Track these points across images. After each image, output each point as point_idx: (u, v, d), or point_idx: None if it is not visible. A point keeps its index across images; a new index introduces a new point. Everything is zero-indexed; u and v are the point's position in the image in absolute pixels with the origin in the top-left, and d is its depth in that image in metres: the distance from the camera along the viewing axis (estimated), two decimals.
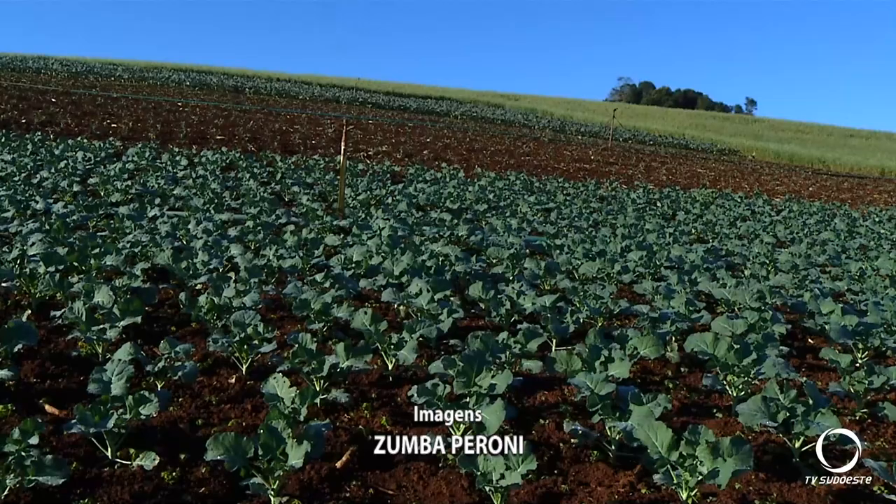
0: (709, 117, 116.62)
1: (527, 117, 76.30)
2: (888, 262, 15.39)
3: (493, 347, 6.46)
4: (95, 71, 62.40)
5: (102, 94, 39.97)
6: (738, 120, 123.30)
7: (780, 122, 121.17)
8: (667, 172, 37.29)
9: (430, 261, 10.10)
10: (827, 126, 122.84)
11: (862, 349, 8.39)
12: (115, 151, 20.49)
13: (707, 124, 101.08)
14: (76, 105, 33.42)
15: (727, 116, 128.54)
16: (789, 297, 10.83)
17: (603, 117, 78.13)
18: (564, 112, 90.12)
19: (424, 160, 27.82)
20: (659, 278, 11.56)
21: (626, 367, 6.17)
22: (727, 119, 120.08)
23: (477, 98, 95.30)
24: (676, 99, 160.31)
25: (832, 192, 38.31)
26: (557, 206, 19.16)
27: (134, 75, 62.82)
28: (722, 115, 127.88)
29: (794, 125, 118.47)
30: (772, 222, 21.88)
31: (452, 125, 53.28)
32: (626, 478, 5.02)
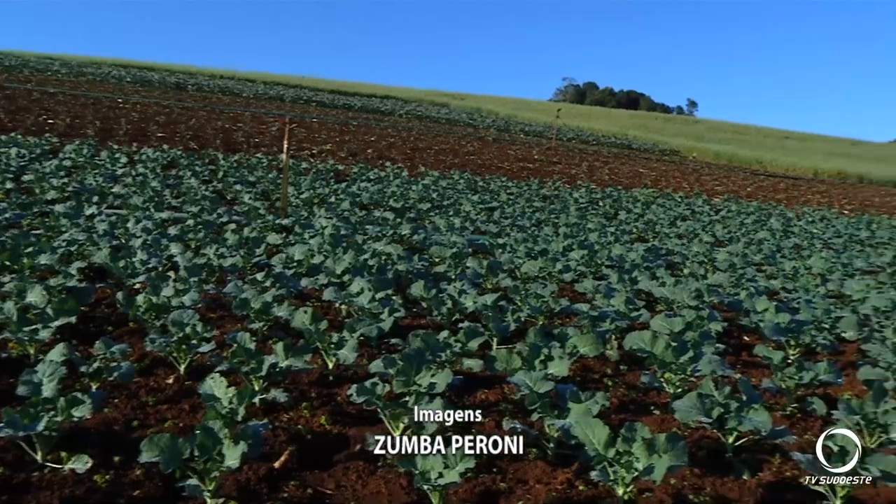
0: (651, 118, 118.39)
1: (472, 116, 76.54)
2: (820, 260, 15.78)
3: (433, 346, 6.47)
4: (31, 65, 60.91)
5: (38, 90, 39.08)
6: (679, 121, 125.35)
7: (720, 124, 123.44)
8: (609, 172, 37.71)
9: (373, 260, 10.08)
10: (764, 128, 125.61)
11: (794, 346, 8.60)
12: (52, 148, 20.03)
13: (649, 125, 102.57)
14: (10, 100, 32.60)
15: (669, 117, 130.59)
16: (726, 295, 11.04)
17: (547, 117, 78.73)
18: (509, 111, 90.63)
19: (368, 159, 27.73)
20: (600, 277, 11.68)
21: (565, 366, 6.23)
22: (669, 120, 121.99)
23: (422, 97, 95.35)
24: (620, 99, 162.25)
25: (769, 193, 39.14)
26: (501, 206, 19.26)
27: (72, 70, 61.39)
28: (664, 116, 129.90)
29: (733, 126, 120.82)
30: (711, 222, 22.28)
31: (397, 124, 53.22)
32: (564, 475, 5.07)
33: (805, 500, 5.06)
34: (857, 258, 17.69)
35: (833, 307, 10.69)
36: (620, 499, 4.63)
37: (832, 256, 17.29)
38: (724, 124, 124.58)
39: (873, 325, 10.02)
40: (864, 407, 5.87)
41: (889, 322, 10.09)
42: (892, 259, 18.02)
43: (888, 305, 10.97)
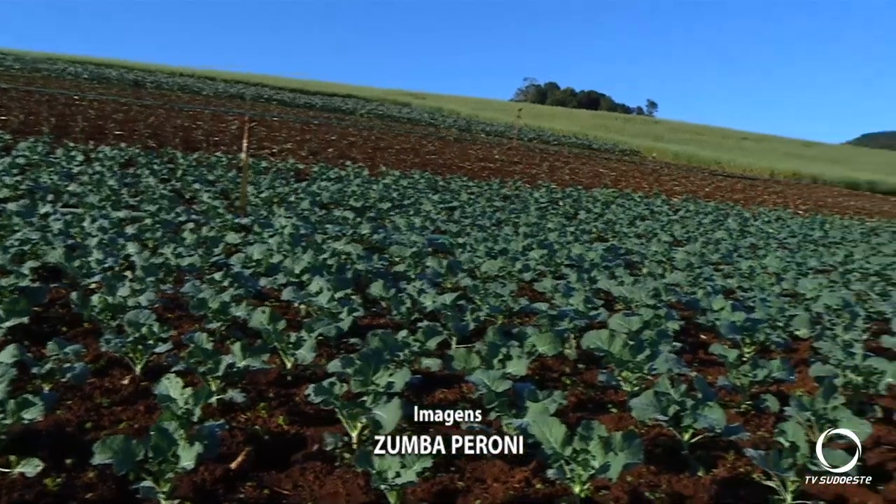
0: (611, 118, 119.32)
1: (433, 116, 76.55)
2: (775, 260, 16.03)
3: (392, 346, 6.47)
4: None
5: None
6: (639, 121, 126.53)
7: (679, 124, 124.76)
8: (570, 172, 37.93)
9: (332, 259, 10.05)
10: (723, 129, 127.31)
11: (749, 344, 8.72)
12: (5, 145, 19.67)
13: (610, 125, 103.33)
14: None
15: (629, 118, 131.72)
16: (684, 294, 11.16)
17: (508, 117, 78.95)
18: (470, 111, 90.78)
19: (329, 158, 27.61)
20: (559, 276, 11.74)
21: (523, 365, 6.26)
22: (629, 120, 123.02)
23: (383, 96, 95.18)
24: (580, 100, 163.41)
25: (726, 193, 39.63)
26: (461, 205, 19.30)
27: (26, 66, 60.29)
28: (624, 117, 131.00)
29: (692, 127, 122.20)
30: (669, 221, 22.51)
31: (358, 123, 53.10)
32: (521, 473, 5.10)
33: (757, 495, 5.14)
34: (810, 257, 17.99)
35: (787, 306, 10.86)
36: (577, 497, 4.67)
37: (787, 256, 17.58)
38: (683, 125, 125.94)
39: (825, 323, 10.20)
40: (815, 403, 5.97)
41: (840, 320, 10.27)
42: (843, 258, 18.37)
43: (839, 304, 11.17)
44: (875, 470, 5.85)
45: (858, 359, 7.47)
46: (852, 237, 25.21)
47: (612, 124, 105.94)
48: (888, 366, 7.26)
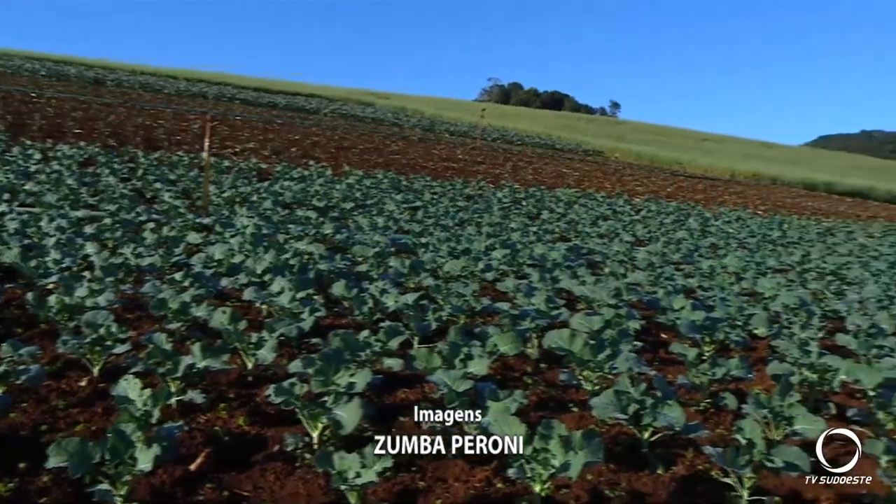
0: (575, 119, 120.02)
1: (397, 116, 76.41)
2: (735, 259, 16.22)
3: (353, 346, 6.45)
4: None
5: None
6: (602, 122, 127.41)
7: (641, 125, 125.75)
8: (533, 172, 38.09)
9: (294, 259, 10.01)
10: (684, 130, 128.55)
11: (709, 343, 8.82)
12: None
13: (573, 125, 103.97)
14: None
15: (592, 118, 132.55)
16: (645, 294, 11.25)
17: (472, 117, 79.06)
18: (434, 111, 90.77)
19: (292, 158, 27.48)
20: (522, 276, 11.79)
21: (484, 364, 6.28)
22: (592, 121, 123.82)
23: (347, 96, 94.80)
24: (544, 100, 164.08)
25: (688, 193, 40.05)
26: (424, 205, 19.30)
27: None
28: (587, 117, 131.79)
29: (654, 128, 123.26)
30: (631, 221, 22.70)
31: (322, 123, 52.87)
32: (483, 473, 5.11)
33: (715, 492, 5.20)
34: (769, 257, 18.24)
35: (746, 305, 11.00)
36: (538, 495, 4.69)
37: (746, 255, 17.80)
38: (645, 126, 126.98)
39: (783, 322, 10.35)
40: (772, 401, 6.06)
41: (797, 319, 10.43)
42: (801, 258, 18.65)
43: (796, 303, 11.34)
44: (828, 465, 5.94)
45: (814, 357, 7.59)
46: (809, 237, 25.60)
47: (576, 125, 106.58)
48: (842, 363, 7.39)
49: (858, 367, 7.34)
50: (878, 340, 9.17)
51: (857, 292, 13.94)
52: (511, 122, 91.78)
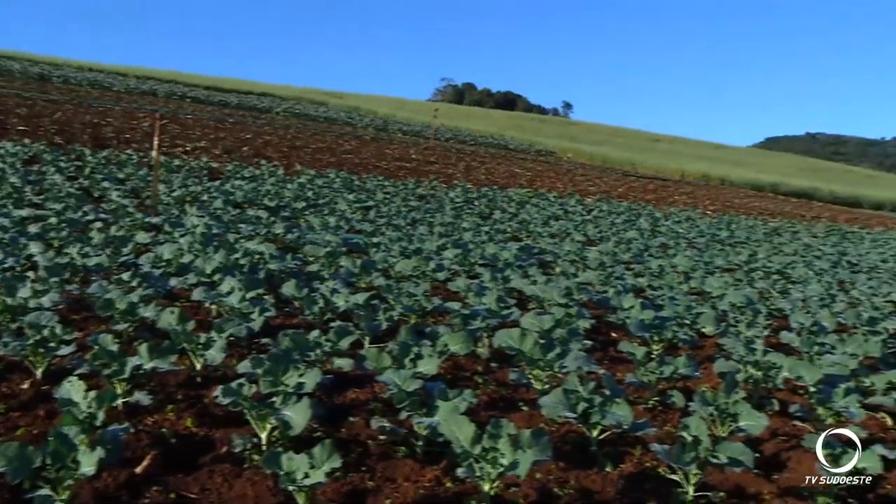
0: (528, 119, 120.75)
1: (350, 115, 76.15)
2: (684, 259, 16.44)
3: (303, 346, 6.43)
4: None
5: None
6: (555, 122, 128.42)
7: (594, 126, 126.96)
8: (486, 172, 38.21)
9: (245, 259, 9.94)
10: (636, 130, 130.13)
11: (657, 341, 8.92)
12: None
13: (526, 125, 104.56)
14: None
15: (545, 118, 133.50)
16: (595, 293, 11.34)
17: (426, 117, 79.07)
18: (388, 111, 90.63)
19: (244, 157, 27.22)
20: (473, 276, 11.82)
21: (434, 364, 6.30)
22: (545, 121, 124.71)
23: (300, 95, 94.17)
24: (497, 100, 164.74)
25: (639, 193, 40.47)
26: (377, 205, 19.25)
27: None
28: (540, 118, 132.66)
29: (607, 129, 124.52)
30: (583, 221, 22.86)
31: (274, 122, 52.49)
32: (432, 472, 5.12)
33: (662, 488, 5.27)
34: (717, 257, 18.50)
35: (694, 304, 11.15)
36: (486, 494, 4.71)
37: (695, 255, 18.04)
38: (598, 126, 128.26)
39: (730, 321, 10.52)
40: (718, 398, 6.16)
41: (743, 317, 10.61)
42: (748, 258, 18.95)
43: (743, 301, 11.54)
44: (771, 460, 6.09)
45: (759, 354, 7.74)
46: (756, 237, 26.03)
47: (529, 125, 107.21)
48: (785, 361, 7.54)
49: (801, 364, 7.50)
50: (820, 338, 9.37)
51: (800, 291, 14.22)
52: (464, 122, 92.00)
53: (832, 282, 16.52)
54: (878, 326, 10.80)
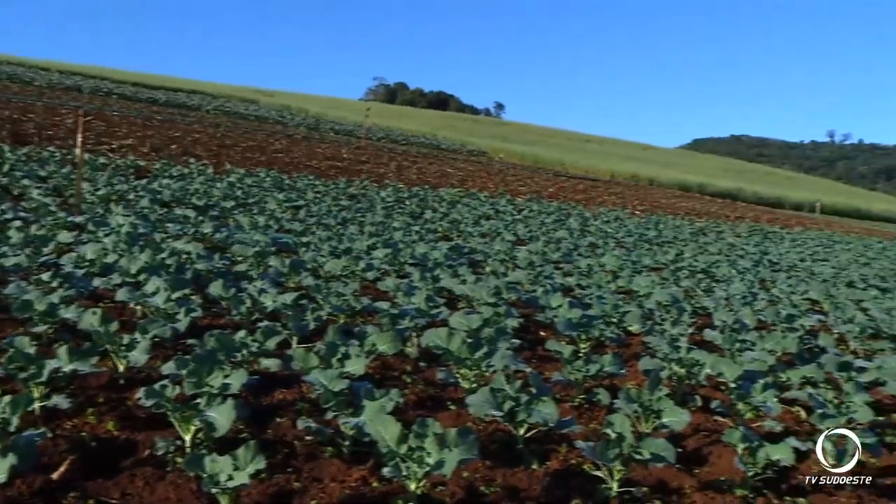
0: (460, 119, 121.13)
1: (281, 114, 75.46)
2: (612, 258, 16.68)
3: (229, 346, 6.36)
4: None
5: None
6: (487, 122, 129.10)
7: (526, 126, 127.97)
8: (417, 172, 38.21)
9: (171, 259, 9.77)
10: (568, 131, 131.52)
11: (585, 340, 9.04)
12: None
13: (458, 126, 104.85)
14: None
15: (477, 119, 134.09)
16: (524, 292, 11.44)
17: (358, 116, 78.76)
18: (319, 110, 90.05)
19: (172, 155, 26.73)
20: (403, 275, 11.81)
21: (361, 364, 6.29)
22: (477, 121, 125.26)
23: (231, 93, 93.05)
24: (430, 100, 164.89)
25: (569, 193, 40.92)
26: (307, 204, 19.11)
27: None
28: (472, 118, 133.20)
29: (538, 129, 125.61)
30: (513, 221, 23.04)
31: (204, 120, 51.66)
32: (359, 472, 5.11)
33: (587, 485, 5.35)
34: (644, 256, 18.82)
35: (621, 302, 11.33)
36: (413, 494, 4.72)
37: (623, 254, 18.33)
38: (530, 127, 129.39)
39: (656, 319, 10.70)
40: (642, 395, 6.27)
41: (669, 315, 10.81)
42: (674, 257, 19.34)
43: (669, 300, 11.76)
44: (693, 454, 6.24)
45: (683, 352, 7.91)
46: (683, 237, 26.55)
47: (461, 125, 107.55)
48: (708, 358, 7.72)
49: (722, 360, 7.68)
50: (742, 335, 9.63)
51: (724, 290, 14.56)
52: (396, 121, 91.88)
53: (754, 280, 16.98)
54: (795, 323, 11.15)
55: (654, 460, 5.12)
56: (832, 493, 5.87)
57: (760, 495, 5.55)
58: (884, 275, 22.48)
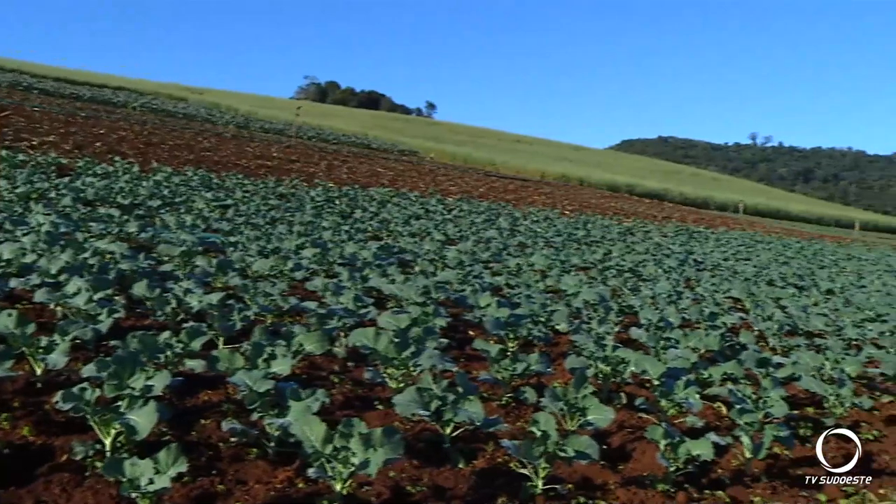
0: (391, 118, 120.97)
1: (210, 112, 74.35)
2: (541, 258, 16.84)
3: (152, 347, 6.24)
4: None
5: None
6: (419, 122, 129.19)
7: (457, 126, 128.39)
8: (348, 171, 38.03)
9: (94, 259, 9.57)
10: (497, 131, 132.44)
11: (513, 339, 9.12)
12: None
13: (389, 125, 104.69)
14: None
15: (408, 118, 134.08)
16: (453, 292, 11.47)
17: (288, 115, 77.97)
18: (249, 108, 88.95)
19: (97, 153, 26.14)
20: (332, 275, 11.76)
21: (288, 364, 6.24)
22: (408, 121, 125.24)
23: (158, 90, 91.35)
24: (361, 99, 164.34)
25: (499, 193, 41.17)
26: (235, 203, 18.88)
27: None
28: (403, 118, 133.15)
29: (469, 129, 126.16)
30: (443, 221, 23.08)
31: (130, 117, 50.56)
32: (284, 473, 5.08)
33: (513, 483, 5.40)
34: (573, 255, 19.02)
35: (550, 301, 11.45)
36: (339, 494, 4.71)
37: (552, 254, 18.47)
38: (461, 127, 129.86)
39: (583, 318, 10.84)
40: (568, 393, 6.34)
41: (596, 314, 10.95)
42: (602, 256, 19.60)
43: (596, 299, 11.93)
44: (617, 451, 6.35)
45: (609, 350, 8.01)
46: (611, 236, 26.91)
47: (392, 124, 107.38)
48: (633, 356, 7.85)
49: (647, 358, 7.82)
50: (666, 333, 9.82)
51: (650, 288, 14.80)
52: (327, 120, 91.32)
53: (679, 279, 17.31)
54: (717, 321, 11.41)
55: (578, 458, 5.19)
56: (749, 485, 6.05)
57: (681, 490, 5.68)
58: (801, 273, 23.13)
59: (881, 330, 13.15)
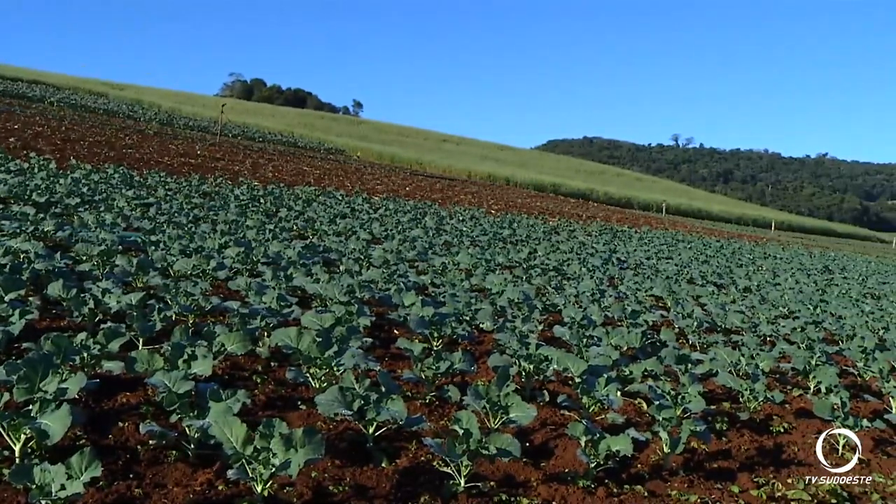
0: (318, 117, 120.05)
1: (132, 108, 72.96)
2: (467, 257, 16.92)
3: (67, 349, 6.07)
4: None
5: None
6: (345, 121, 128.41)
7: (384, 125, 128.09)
8: (273, 170, 37.67)
9: (6, 258, 9.30)
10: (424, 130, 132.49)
11: (437, 338, 9.12)
12: None
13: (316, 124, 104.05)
14: None
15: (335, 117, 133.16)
16: (378, 291, 11.43)
17: (213, 112, 76.99)
18: (172, 105, 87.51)
19: (10, 149, 25.37)
20: (256, 274, 11.64)
21: (208, 364, 6.15)
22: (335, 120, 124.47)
23: (77, 85, 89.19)
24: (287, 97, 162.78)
25: (426, 192, 41.24)
26: (158, 202, 18.52)
27: None
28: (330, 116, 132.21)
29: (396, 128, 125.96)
30: (369, 220, 23.02)
31: (47, 112, 49.25)
32: (204, 475, 5.00)
33: (435, 481, 5.42)
34: (499, 254, 19.15)
35: (474, 300, 11.49)
36: (260, 495, 4.66)
37: (478, 253, 18.56)
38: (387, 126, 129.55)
39: (507, 316, 10.91)
40: (490, 391, 6.37)
41: (520, 313, 11.04)
42: (527, 255, 19.78)
43: (521, 297, 12.02)
44: (540, 448, 6.41)
45: (532, 348, 8.08)
46: (536, 235, 27.16)
47: (319, 123, 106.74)
48: (556, 354, 7.93)
49: (569, 356, 7.91)
50: (589, 331, 9.96)
51: (574, 287, 14.98)
52: (253, 118, 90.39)
53: (603, 278, 17.57)
54: (639, 319, 11.62)
55: (500, 455, 5.23)
56: (667, 479, 6.18)
57: (602, 485, 5.77)
58: (720, 272, 23.72)
59: (793, 326, 13.59)
